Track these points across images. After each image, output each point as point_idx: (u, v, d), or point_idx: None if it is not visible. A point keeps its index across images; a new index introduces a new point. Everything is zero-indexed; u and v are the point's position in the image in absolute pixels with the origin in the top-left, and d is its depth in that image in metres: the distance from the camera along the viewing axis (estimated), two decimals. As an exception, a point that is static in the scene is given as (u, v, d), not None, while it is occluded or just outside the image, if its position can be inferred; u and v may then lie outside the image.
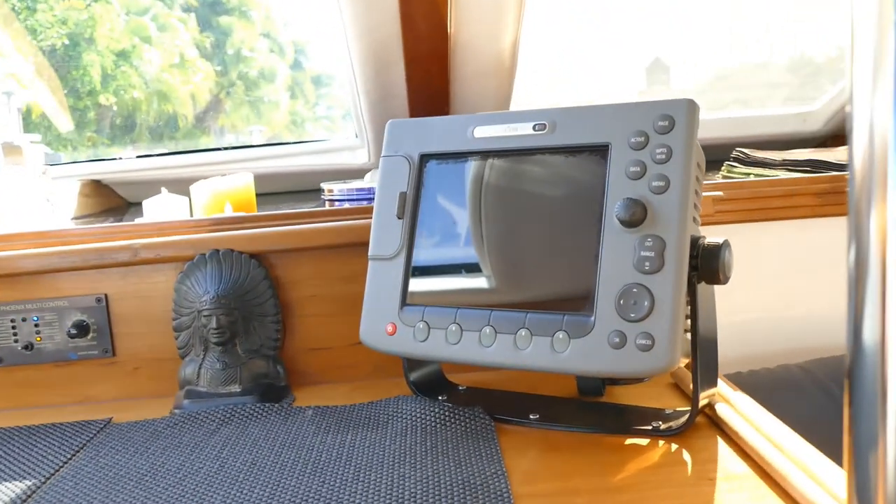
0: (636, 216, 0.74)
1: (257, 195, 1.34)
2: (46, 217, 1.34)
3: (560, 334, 0.76)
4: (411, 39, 1.35)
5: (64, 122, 2.81)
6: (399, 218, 0.88)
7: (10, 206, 1.24)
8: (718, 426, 0.79)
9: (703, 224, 0.85)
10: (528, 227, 0.81)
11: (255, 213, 1.10)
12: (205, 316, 0.99)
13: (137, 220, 1.21)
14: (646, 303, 0.72)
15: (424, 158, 0.88)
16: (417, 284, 0.86)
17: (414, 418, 0.88)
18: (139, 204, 2.08)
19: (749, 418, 0.76)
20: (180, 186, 1.91)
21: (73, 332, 1.04)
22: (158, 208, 1.19)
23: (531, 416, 0.85)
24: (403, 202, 0.88)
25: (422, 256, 0.87)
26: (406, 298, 0.86)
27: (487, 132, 0.84)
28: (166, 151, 2.02)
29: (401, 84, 1.49)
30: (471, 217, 0.85)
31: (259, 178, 1.58)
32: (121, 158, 1.94)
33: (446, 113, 1.56)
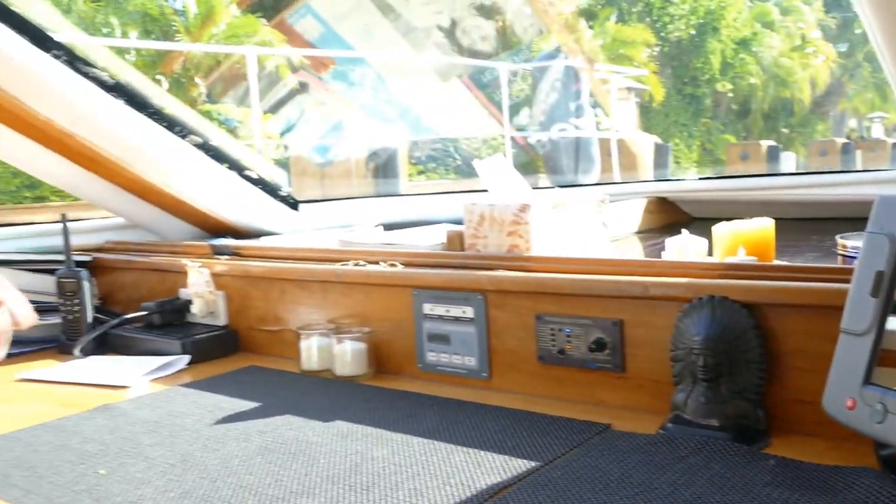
0: None
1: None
2: (601, 239, 1.59)
3: None
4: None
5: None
6: (873, 296, 0.89)
7: (572, 228, 1.51)
8: None
9: None
10: None
11: (756, 264, 1.18)
12: (695, 354, 1.12)
13: (662, 258, 1.38)
14: None
15: (908, 240, 0.87)
16: (882, 366, 0.87)
17: (858, 496, 0.89)
18: (702, 219, 2.26)
19: None
20: (737, 208, 2.03)
21: (594, 346, 1.26)
22: (679, 245, 1.34)
23: None
24: (879, 281, 0.89)
25: (892, 338, 0.87)
26: (869, 377, 0.88)
27: (977, 223, 0.81)
28: (727, 174, 2.14)
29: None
30: (948, 308, 0.82)
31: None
32: (684, 179, 2.13)
33: None
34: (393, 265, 1.52)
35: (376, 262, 1.55)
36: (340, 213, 2.30)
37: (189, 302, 1.78)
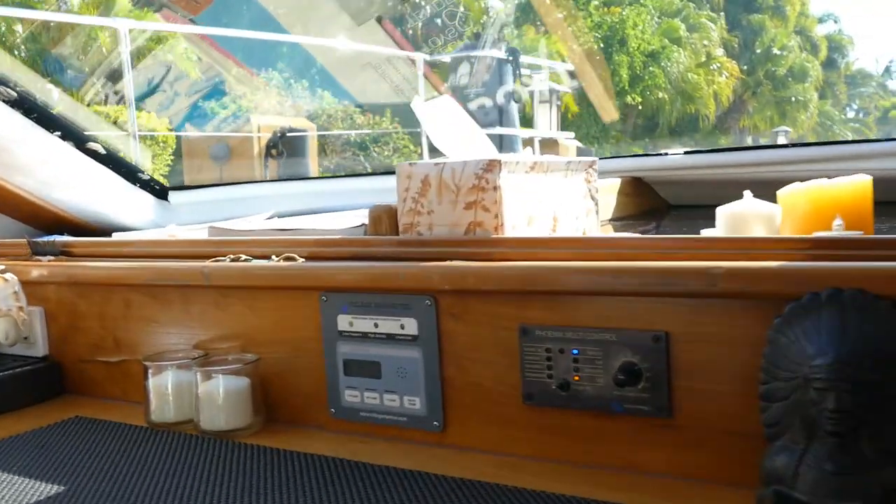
0: None
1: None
2: (591, 219, 1.12)
3: None
4: None
5: (610, 112, 2.73)
6: None
7: (554, 201, 1.04)
8: None
9: None
10: None
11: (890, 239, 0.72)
12: (816, 389, 0.64)
13: (708, 232, 0.91)
14: None
15: None
16: None
17: None
18: (682, 207, 1.82)
19: None
20: (730, 191, 1.58)
21: (621, 377, 0.77)
22: (738, 215, 0.87)
23: None
24: None
25: None
26: None
27: None
28: (721, 147, 1.72)
29: None
30: None
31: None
32: (667, 154, 1.69)
33: None
34: (290, 258, 1.00)
35: (266, 257, 1.03)
36: (226, 205, 1.76)
37: (-10, 323, 1.21)
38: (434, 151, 1.11)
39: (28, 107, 1.37)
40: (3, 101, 1.33)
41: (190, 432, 0.98)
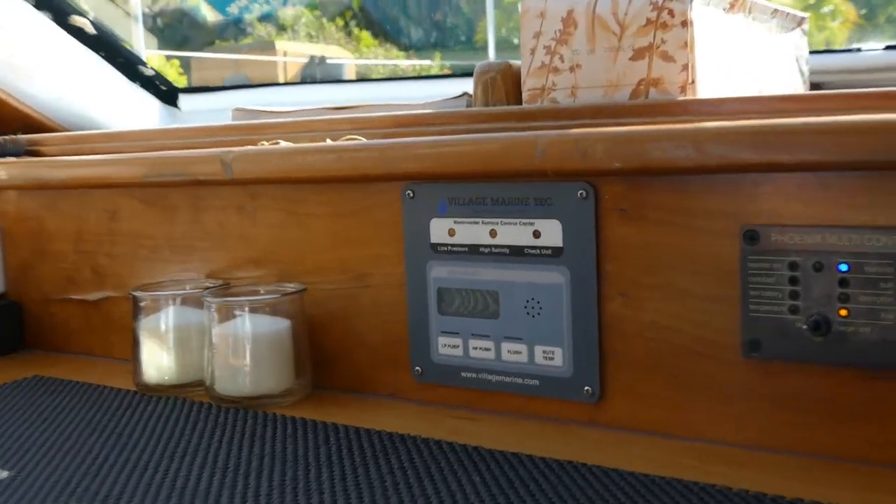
0: None
1: None
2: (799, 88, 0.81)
3: None
4: None
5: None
6: None
7: (756, 60, 0.72)
8: None
9: None
10: None
11: None
12: None
13: None
14: None
15: None
16: None
17: None
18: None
19: None
20: None
21: (942, 307, 0.45)
22: None
23: None
24: None
25: None
26: None
27: None
28: None
29: None
30: None
31: None
32: (860, 50, 1.34)
33: None
34: (353, 139, 0.68)
35: (321, 142, 0.71)
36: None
37: (-71, 248, 0.89)
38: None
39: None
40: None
41: (200, 399, 0.66)
